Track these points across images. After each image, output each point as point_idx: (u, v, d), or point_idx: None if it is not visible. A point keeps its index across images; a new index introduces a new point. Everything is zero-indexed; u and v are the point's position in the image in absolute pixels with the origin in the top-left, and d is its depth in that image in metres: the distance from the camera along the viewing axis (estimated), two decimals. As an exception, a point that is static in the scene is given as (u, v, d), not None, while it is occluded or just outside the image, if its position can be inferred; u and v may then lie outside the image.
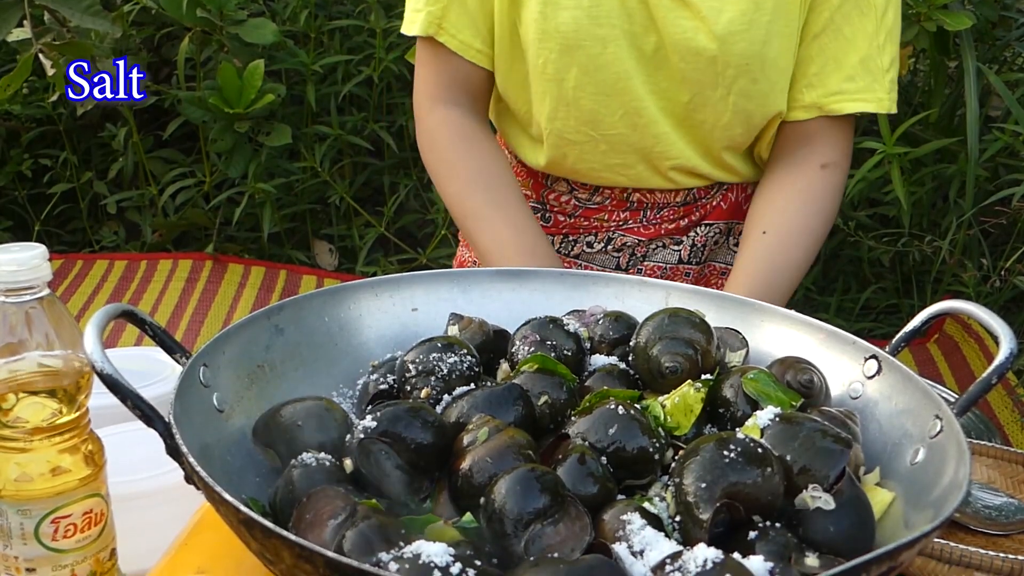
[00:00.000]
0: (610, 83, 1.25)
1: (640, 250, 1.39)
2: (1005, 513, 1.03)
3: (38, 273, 0.75)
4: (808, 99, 1.27)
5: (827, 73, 1.25)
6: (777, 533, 0.65)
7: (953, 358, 2.34)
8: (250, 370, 0.83)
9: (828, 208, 1.31)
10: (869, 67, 1.25)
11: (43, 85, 2.87)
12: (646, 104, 1.26)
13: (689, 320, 0.85)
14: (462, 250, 1.54)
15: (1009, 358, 0.74)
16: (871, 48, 1.24)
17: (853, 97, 1.26)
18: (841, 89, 1.25)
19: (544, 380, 0.81)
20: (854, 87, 1.25)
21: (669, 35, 1.21)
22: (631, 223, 1.38)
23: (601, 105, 1.26)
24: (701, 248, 1.39)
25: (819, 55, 1.25)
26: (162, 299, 2.73)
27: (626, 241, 1.38)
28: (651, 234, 1.38)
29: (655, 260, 1.39)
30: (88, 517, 0.77)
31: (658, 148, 1.29)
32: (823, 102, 1.26)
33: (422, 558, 0.60)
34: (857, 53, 1.24)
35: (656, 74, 1.25)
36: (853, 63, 1.24)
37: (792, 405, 0.78)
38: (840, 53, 1.24)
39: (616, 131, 1.28)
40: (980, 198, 2.17)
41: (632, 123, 1.27)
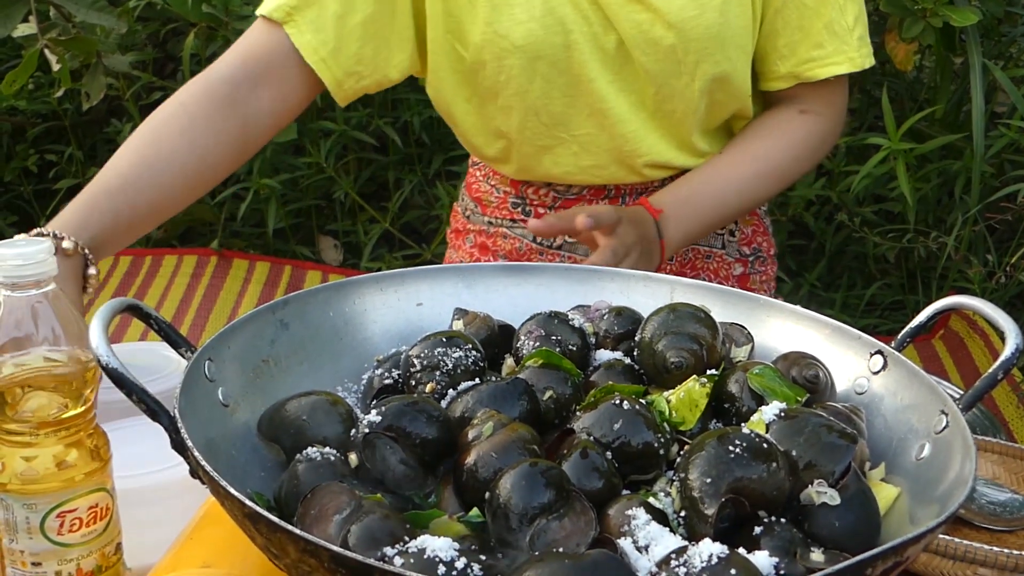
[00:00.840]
0: (574, 85, 1.26)
1: None
2: (1010, 509, 1.03)
3: (44, 267, 0.75)
4: (783, 70, 1.30)
5: (796, 43, 1.28)
6: (782, 528, 0.65)
7: (958, 354, 2.34)
8: (255, 365, 0.83)
9: (798, 144, 1.33)
10: (835, 30, 1.27)
11: (48, 80, 2.87)
12: (612, 104, 1.27)
13: (694, 315, 0.84)
14: (450, 251, 1.56)
15: (1015, 354, 0.74)
16: (833, 11, 1.27)
17: (825, 62, 1.28)
18: (812, 56, 1.28)
19: (549, 375, 0.81)
20: (824, 52, 1.28)
21: (626, 31, 1.22)
22: None
23: (568, 107, 1.28)
24: None
25: (784, 27, 1.27)
26: (167, 294, 2.73)
27: None
28: None
29: None
30: (94, 511, 0.77)
31: (627, 147, 1.30)
32: (798, 71, 1.29)
33: (427, 553, 0.60)
34: (821, 19, 1.26)
35: (621, 71, 1.26)
36: (818, 29, 1.27)
37: (797, 400, 0.78)
38: (804, 21, 1.26)
39: (585, 131, 1.29)
40: (986, 194, 2.16)
41: (599, 123, 1.28)
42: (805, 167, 1.37)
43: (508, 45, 1.23)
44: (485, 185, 1.47)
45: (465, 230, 1.51)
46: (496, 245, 1.46)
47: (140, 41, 2.89)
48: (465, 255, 1.50)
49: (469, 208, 1.51)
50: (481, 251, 1.48)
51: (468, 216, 1.51)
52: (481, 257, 1.48)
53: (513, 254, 1.44)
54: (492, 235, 1.46)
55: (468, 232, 1.50)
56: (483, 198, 1.47)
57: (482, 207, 1.47)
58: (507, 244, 1.44)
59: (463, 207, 1.53)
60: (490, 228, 1.46)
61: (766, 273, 1.48)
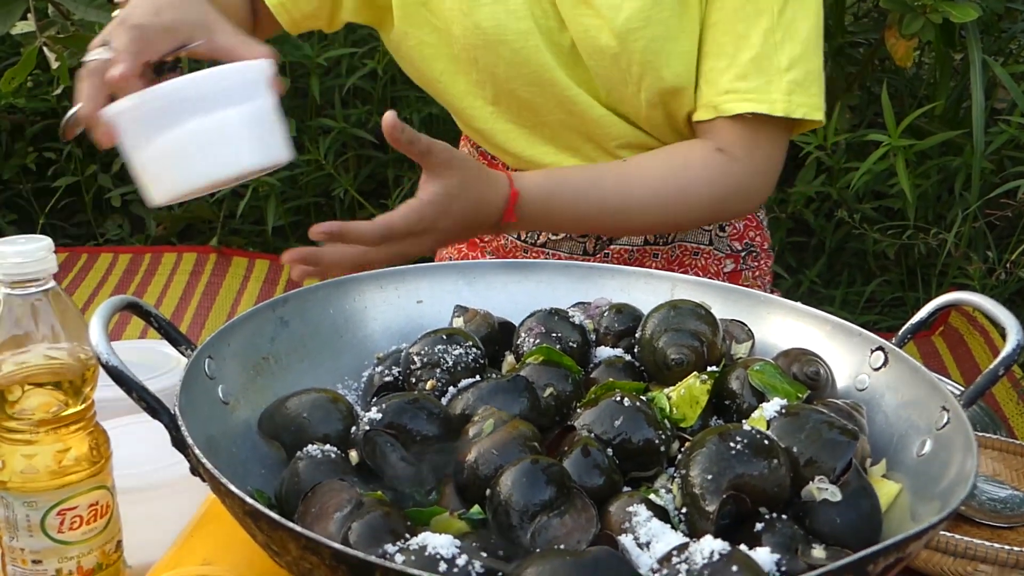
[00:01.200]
0: (537, 75, 1.23)
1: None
2: (1010, 505, 1.03)
3: (43, 265, 0.75)
4: (704, 98, 1.21)
5: (719, 70, 1.19)
6: (783, 525, 0.65)
7: (958, 351, 2.34)
8: (255, 362, 0.83)
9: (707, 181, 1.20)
10: (762, 66, 1.17)
11: (47, 78, 2.87)
12: (574, 93, 1.24)
13: (695, 312, 0.84)
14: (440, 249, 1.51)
15: (1016, 350, 0.74)
16: (766, 46, 1.17)
17: (744, 96, 1.18)
18: (733, 88, 1.18)
19: (550, 372, 0.81)
20: (745, 86, 1.17)
21: (576, 33, 1.20)
22: None
23: (535, 96, 1.25)
24: None
25: (713, 50, 1.19)
26: (166, 292, 2.73)
27: None
28: None
29: (620, 243, 1.37)
30: (94, 509, 0.77)
31: (599, 130, 1.27)
32: (716, 101, 1.20)
33: (428, 550, 0.60)
34: (749, 50, 1.17)
35: (575, 69, 1.24)
36: (744, 61, 1.17)
37: (798, 397, 0.78)
38: (733, 49, 1.18)
39: (555, 117, 1.27)
40: (986, 190, 2.16)
41: (568, 110, 1.26)
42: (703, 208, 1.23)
43: (472, 24, 1.22)
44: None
45: None
46: (484, 241, 1.46)
47: (139, 38, 2.88)
48: (454, 251, 1.50)
49: None
50: (470, 247, 1.48)
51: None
52: (470, 254, 1.47)
53: (499, 251, 1.44)
54: None
55: None
56: None
57: None
58: (494, 241, 1.44)
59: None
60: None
61: (760, 268, 1.45)
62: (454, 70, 1.29)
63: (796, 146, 2.38)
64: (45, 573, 0.76)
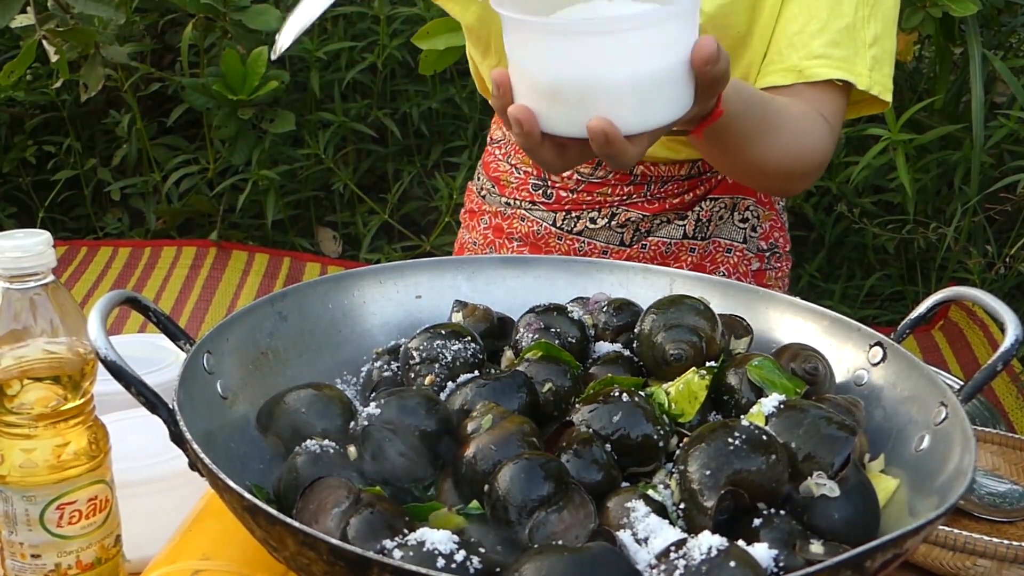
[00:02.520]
0: None
1: (644, 225, 1.36)
2: (1009, 500, 1.03)
3: (43, 260, 0.75)
4: (790, 61, 1.17)
5: (811, 33, 1.16)
6: (781, 520, 0.65)
7: (957, 345, 2.34)
8: (254, 357, 0.83)
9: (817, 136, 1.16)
10: (853, 37, 1.15)
11: (47, 72, 2.87)
12: None
13: (693, 307, 0.84)
14: (463, 232, 1.52)
15: (1015, 345, 0.74)
16: (857, 17, 1.16)
17: (836, 64, 1.15)
18: (825, 53, 1.15)
19: (548, 367, 0.81)
20: (838, 53, 1.15)
21: None
22: (635, 197, 1.35)
23: None
24: (706, 223, 1.37)
25: (802, 13, 1.16)
26: (166, 286, 2.73)
27: (630, 216, 1.35)
28: (655, 209, 1.35)
29: (659, 235, 1.36)
30: (93, 503, 0.77)
31: None
32: (804, 65, 1.16)
33: (426, 545, 0.60)
34: (843, 19, 1.15)
35: None
36: (839, 27, 1.15)
37: (797, 392, 0.78)
38: (827, 15, 1.15)
39: None
40: (985, 185, 2.16)
41: None
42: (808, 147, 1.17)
43: None
44: (505, 164, 1.42)
45: (480, 211, 1.47)
46: (512, 227, 1.41)
47: (138, 32, 2.88)
48: (479, 236, 1.46)
49: (485, 188, 1.45)
50: (496, 233, 1.44)
51: (484, 196, 1.46)
52: (495, 239, 1.44)
53: (530, 237, 1.40)
54: (508, 217, 1.42)
55: (483, 213, 1.46)
56: (502, 178, 1.42)
57: (500, 187, 1.43)
58: (524, 227, 1.40)
59: (478, 186, 1.48)
60: (507, 210, 1.41)
61: (781, 269, 1.45)
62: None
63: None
64: (44, 567, 0.77)
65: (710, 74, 0.84)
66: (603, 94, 0.79)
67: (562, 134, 0.83)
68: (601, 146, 0.81)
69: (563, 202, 1.37)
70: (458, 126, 2.90)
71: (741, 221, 1.39)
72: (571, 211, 1.38)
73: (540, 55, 0.80)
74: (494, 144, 1.47)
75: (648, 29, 0.78)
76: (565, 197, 1.37)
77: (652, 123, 0.82)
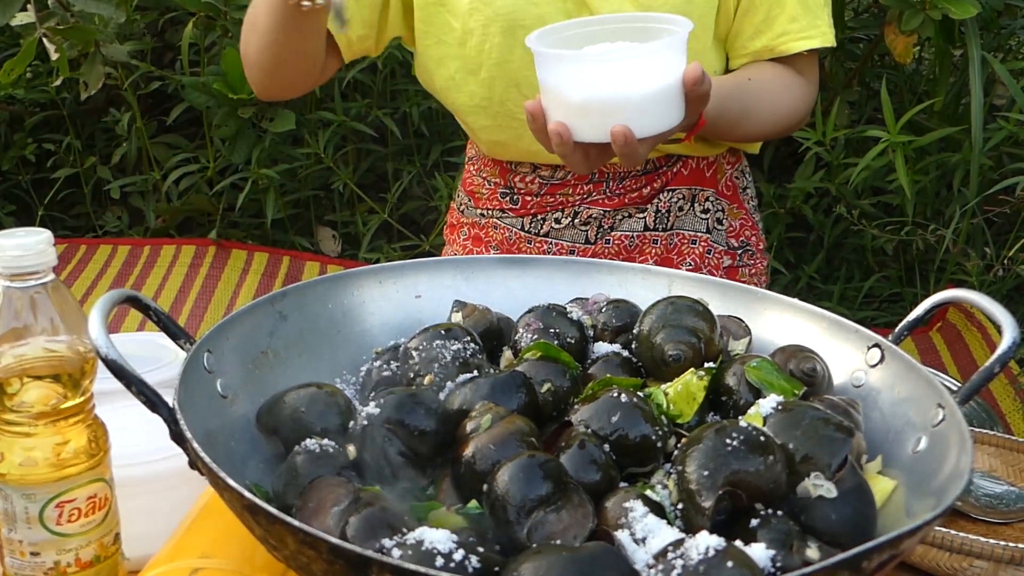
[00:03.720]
0: None
1: (607, 221, 1.42)
2: (1006, 501, 1.03)
3: (43, 258, 0.75)
4: (758, 45, 1.32)
5: (772, 18, 1.30)
6: (779, 521, 0.65)
7: (956, 347, 2.34)
8: (254, 356, 0.83)
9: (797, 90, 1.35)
10: (808, 5, 1.30)
11: (47, 69, 2.87)
12: None
13: (692, 308, 0.85)
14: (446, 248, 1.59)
15: (1012, 347, 0.74)
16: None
17: (799, 36, 1.30)
18: (786, 30, 1.30)
19: (547, 368, 0.81)
20: (798, 27, 1.30)
21: (598, 10, 1.25)
22: (595, 194, 1.41)
23: None
24: (665, 214, 1.42)
25: (762, 3, 1.30)
26: (165, 285, 2.73)
27: (592, 213, 1.41)
28: (616, 204, 1.41)
29: (622, 230, 1.42)
30: (92, 502, 0.77)
31: None
32: (772, 44, 1.31)
33: (425, 544, 0.60)
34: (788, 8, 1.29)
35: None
36: (793, 4, 1.29)
37: (795, 393, 0.78)
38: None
39: None
40: (984, 187, 2.16)
41: None
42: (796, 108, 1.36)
43: (491, 12, 1.28)
44: (477, 179, 1.51)
45: (459, 224, 1.55)
46: (488, 236, 1.50)
47: (138, 30, 2.88)
48: (459, 248, 1.54)
49: (464, 203, 1.55)
50: (475, 242, 1.52)
51: (462, 211, 1.55)
52: (474, 248, 1.52)
53: (504, 243, 1.48)
54: (484, 226, 1.50)
55: (462, 225, 1.55)
56: (476, 191, 1.51)
57: (475, 200, 1.51)
58: (498, 234, 1.48)
59: (458, 203, 1.58)
60: (482, 220, 1.50)
61: (755, 267, 1.49)
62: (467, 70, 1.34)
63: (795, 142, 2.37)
64: (43, 565, 0.77)
65: (697, 92, 1.05)
66: (622, 107, 1.02)
67: (591, 140, 1.05)
68: (621, 147, 1.03)
69: (528, 206, 1.45)
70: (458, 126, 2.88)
71: (703, 212, 1.44)
72: (536, 214, 1.44)
73: (573, 80, 1.04)
74: (470, 162, 1.56)
75: (654, 57, 1.03)
76: (530, 201, 1.44)
77: (658, 129, 1.06)
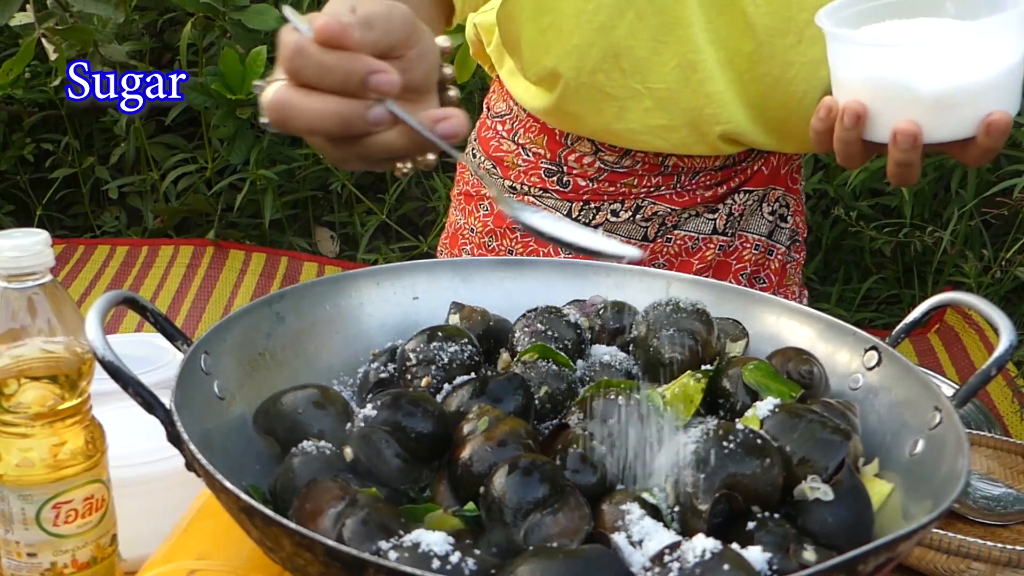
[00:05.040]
0: (667, 29, 1.12)
1: (671, 219, 1.27)
2: (1004, 503, 1.03)
3: (41, 259, 0.75)
4: None
5: None
6: (776, 524, 0.65)
7: (953, 348, 2.34)
8: (251, 357, 0.83)
9: None
10: None
11: (45, 69, 2.87)
12: (704, 56, 1.13)
13: (689, 310, 0.85)
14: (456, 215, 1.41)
15: (1009, 350, 0.74)
16: None
17: None
18: None
19: (544, 370, 0.81)
20: None
21: None
22: (663, 189, 1.25)
23: (655, 53, 1.13)
24: (738, 217, 1.29)
25: None
26: (163, 285, 2.73)
27: (657, 210, 1.26)
28: (685, 202, 1.26)
29: (687, 230, 1.28)
30: (89, 503, 0.77)
31: (709, 109, 1.17)
32: None
33: (421, 547, 0.60)
34: None
35: (718, 19, 1.12)
36: None
37: (792, 396, 0.78)
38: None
39: (666, 85, 1.15)
40: (982, 189, 2.17)
41: (685, 77, 1.15)
42: None
43: None
44: (508, 143, 1.30)
45: (479, 195, 1.35)
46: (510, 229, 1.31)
47: (137, 31, 2.89)
48: (477, 223, 1.35)
49: (484, 167, 1.32)
50: (496, 221, 1.32)
51: (482, 177, 1.32)
52: (496, 228, 1.33)
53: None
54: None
55: (483, 198, 1.34)
56: (505, 159, 1.30)
57: (503, 169, 1.30)
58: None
59: (475, 164, 1.34)
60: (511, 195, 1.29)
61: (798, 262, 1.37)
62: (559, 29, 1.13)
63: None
64: (40, 566, 0.77)
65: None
66: (988, 94, 0.88)
67: (951, 139, 0.90)
68: (996, 140, 0.88)
69: (581, 191, 1.26)
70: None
71: (770, 213, 1.31)
72: (589, 202, 1.27)
73: (925, 71, 0.87)
74: (495, 118, 1.34)
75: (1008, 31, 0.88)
76: (584, 186, 1.26)
77: (1014, 112, 0.91)
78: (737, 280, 1.31)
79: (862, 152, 0.96)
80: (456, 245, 1.40)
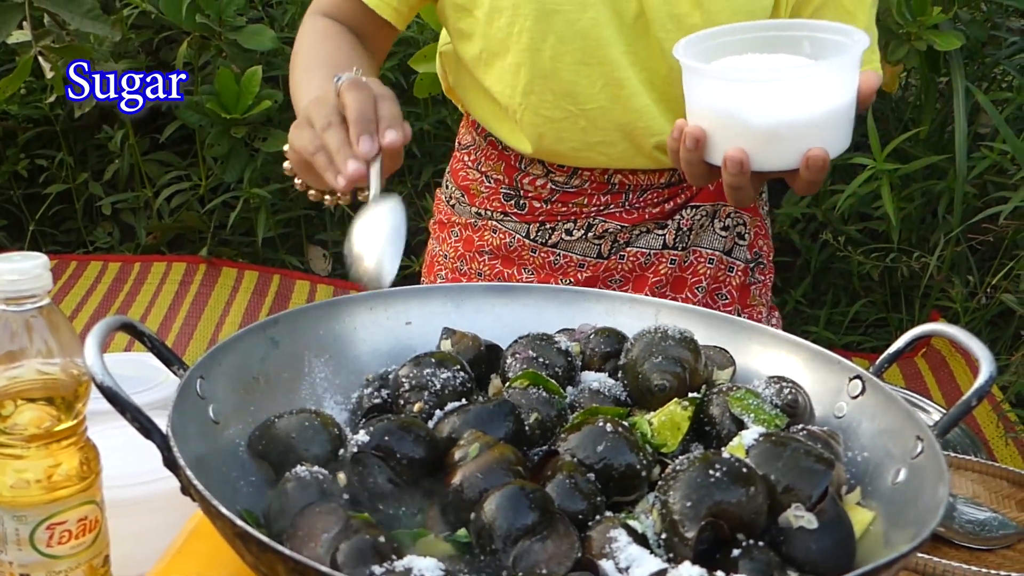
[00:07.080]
0: (589, 51, 1.18)
1: (623, 236, 1.33)
2: (989, 528, 1.04)
3: (39, 283, 0.76)
4: None
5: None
6: (760, 551, 0.66)
7: (940, 372, 2.36)
8: (246, 382, 0.84)
9: None
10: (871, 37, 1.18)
11: (41, 86, 2.87)
12: (627, 75, 1.20)
13: (678, 338, 0.86)
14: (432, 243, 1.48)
15: (989, 381, 0.76)
16: (869, 19, 1.20)
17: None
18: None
19: (535, 397, 0.82)
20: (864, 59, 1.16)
21: (650, 2, 1.16)
22: (612, 207, 1.32)
23: (580, 76, 1.20)
24: (687, 232, 1.33)
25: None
26: (155, 301, 2.73)
27: (608, 227, 1.32)
28: (634, 219, 1.32)
29: (638, 246, 1.33)
30: (83, 524, 0.78)
31: (641, 123, 1.23)
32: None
33: (413, 572, 0.61)
34: (860, 24, 1.17)
35: (636, 43, 1.19)
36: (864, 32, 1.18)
37: (777, 424, 0.79)
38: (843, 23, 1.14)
39: (597, 104, 1.22)
40: (968, 215, 2.19)
41: (613, 95, 1.21)
42: None
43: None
44: (474, 173, 1.38)
45: (450, 222, 1.42)
46: (483, 240, 1.38)
47: (133, 49, 2.89)
48: (449, 249, 1.42)
49: (454, 197, 1.41)
50: (466, 245, 1.40)
51: (453, 206, 1.41)
52: (466, 252, 1.40)
53: (502, 250, 1.36)
54: (479, 229, 1.38)
55: (453, 225, 1.42)
56: (471, 187, 1.38)
57: (469, 196, 1.38)
58: (495, 239, 1.36)
59: (447, 195, 1.44)
60: (477, 221, 1.37)
61: (764, 284, 1.40)
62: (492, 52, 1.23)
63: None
64: (34, 587, 0.77)
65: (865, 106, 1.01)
66: (816, 130, 0.98)
67: (776, 169, 1.01)
68: (816, 173, 0.99)
69: (536, 213, 1.33)
70: (449, 148, 2.89)
71: (723, 229, 1.35)
72: (545, 222, 1.34)
73: (758, 104, 0.97)
74: (462, 150, 1.42)
75: (841, 73, 0.97)
76: (539, 208, 1.33)
77: (842, 149, 1.01)
78: (694, 294, 1.35)
79: (706, 172, 1.05)
80: (432, 272, 1.47)
